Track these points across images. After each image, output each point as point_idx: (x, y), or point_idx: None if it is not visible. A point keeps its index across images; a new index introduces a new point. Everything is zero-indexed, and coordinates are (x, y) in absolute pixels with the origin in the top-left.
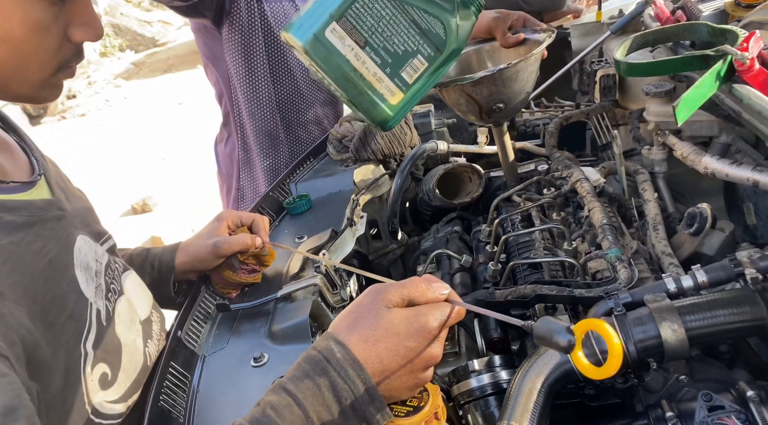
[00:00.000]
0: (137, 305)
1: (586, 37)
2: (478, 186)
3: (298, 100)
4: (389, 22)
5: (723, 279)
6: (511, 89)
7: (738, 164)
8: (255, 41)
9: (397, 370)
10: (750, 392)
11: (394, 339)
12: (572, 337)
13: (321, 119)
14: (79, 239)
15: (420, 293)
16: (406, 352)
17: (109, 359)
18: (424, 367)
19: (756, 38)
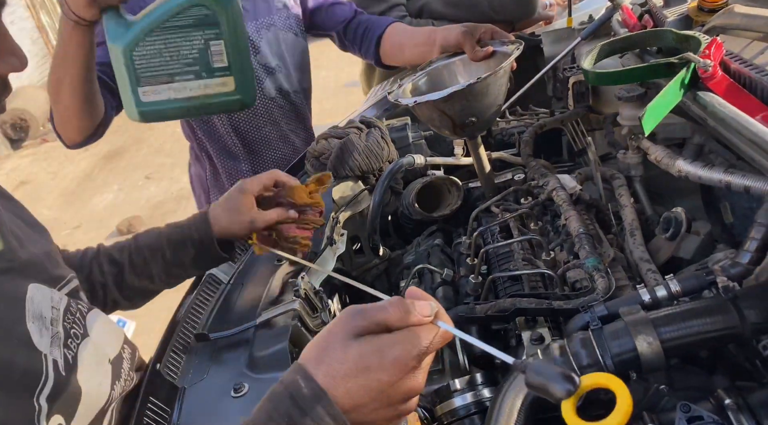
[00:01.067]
0: (105, 344)
1: (558, 43)
2: (457, 198)
3: (252, 118)
4: (169, 48)
5: (696, 287)
6: (483, 103)
7: (710, 167)
8: None
9: (370, 404)
10: (728, 400)
11: (365, 374)
12: (571, 386)
13: (287, 135)
14: (31, 288)
15: (398, 318)
16: (379, 386)
17: (65, 409)
18: (403, 400)
19: (717, 45)
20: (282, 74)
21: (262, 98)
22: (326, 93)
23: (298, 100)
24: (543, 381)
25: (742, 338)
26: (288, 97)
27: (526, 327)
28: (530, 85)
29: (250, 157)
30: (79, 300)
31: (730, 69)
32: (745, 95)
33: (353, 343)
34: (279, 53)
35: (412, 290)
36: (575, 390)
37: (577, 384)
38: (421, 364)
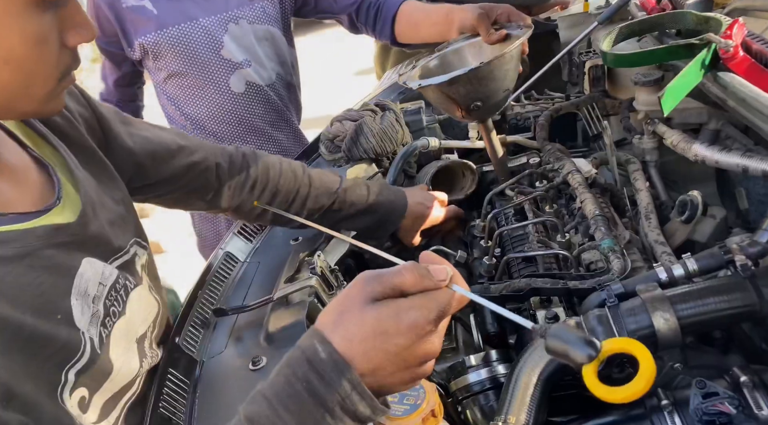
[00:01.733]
0: (136, 323)
1: (573, 28)
2: (471, 182)
3: (217, 114)
4: None
5: (713, 266)
6: (488, 88)
7: (727, 150)
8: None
9: (388, 368)
10: (743, 377)
11: (382, 337)
12: (592, 351)
13: (263, 129)
14: (84, 263)
15: (413, 282)
16: (396, 350)
17: (91, 383)
18: (420, 363)
19: (739, 25)
20: (251, 68)
21: (226, 94)
22: (336, 81)
23: (275, 92)
24: (563, 345)
25: (759, 316)
26: (260, 90)
27: (540, 307)
28: (545, 69)
29: None
30: (128, 275)
31: (751, 49)
32: (767, 75)
33: (370, 307)
34: (247, 47)
35: (426, 254)
36: (596, 355)
37: (598, 349)
38: (437, 328)
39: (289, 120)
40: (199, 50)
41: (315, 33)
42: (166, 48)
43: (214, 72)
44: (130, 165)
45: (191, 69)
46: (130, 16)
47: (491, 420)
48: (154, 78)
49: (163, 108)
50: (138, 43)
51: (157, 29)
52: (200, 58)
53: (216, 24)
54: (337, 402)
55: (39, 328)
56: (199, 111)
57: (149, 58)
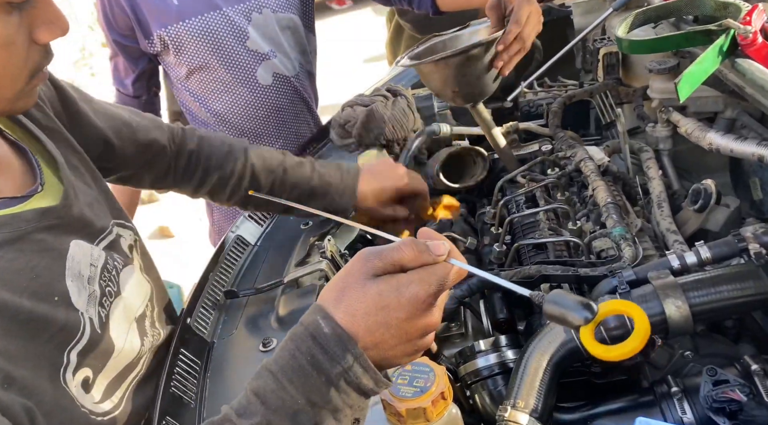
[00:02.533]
0: (133, 302)
1: (588, 14)
2: (482, 168)
3: (245, 109)
4: None
5: (727, 254)
6: (462, 78)
7: (743, 139)
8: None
9: (390, 341)
10: (755, 366)
11: (384, 311)
12: (588, 314)
13: (289, 122)
14: (73, 246)
15: (413, 257)
16: (398, 323)
17: (95, 363)
18: (421, 335)
19: (759, 11)
20: (277, 59)
21: (254, 88)
22: (347, 68)
23: (300, 84)
24: (561, 310)
25: None
26: (287, 82)
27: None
28: (559, 56)
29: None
30: (115, 256)
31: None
32: None
33: (371, 283)
34: (272, 36)
35: (424, 230)
36: (593, 317)
37: (594, 311)
38: (436, 301)
39: (312, 110)
40: (224, 42)
41: (326, 19)
42: (189, 40)
43: (241, 64)
44: (99, 143)
45: (217, 62)
46: (147, 6)
47: (499, 404)
48: (174, 73)
49: (184, 105)
50: (157, 34)
51: (179, 20)
52: (226, 50)
53: (240, 13)
54: (341, 375)
55: (37, 311)
56: (225, 106)
57: (169, 52)
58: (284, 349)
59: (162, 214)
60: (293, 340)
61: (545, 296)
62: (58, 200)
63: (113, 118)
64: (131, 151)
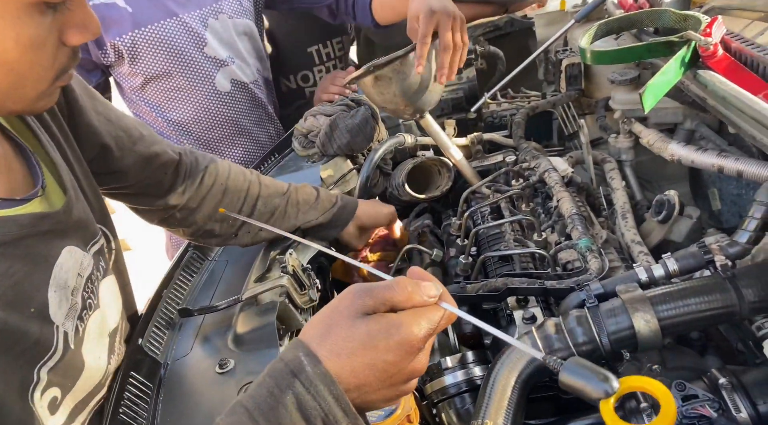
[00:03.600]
0: (109, 315)
1: (550, 26)
2: (447, 179)
3: (204, 117)
4: None
5: (693, 266)
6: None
7: (703, 150)
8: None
9: (374, 384)
10: (722, 379)
11: (371, 352)
12: (609, 387)
13: (249, 129)
14: (64, 253)
15: (405, 298)
16: (384, 366)
17: (64, 382)
18: (406, 380)
19: (718, 24)
20: (235, 65)
21: (213, 94)
22: None
23: (258, 90)
24: (579, 381)
25: (739, 317)
26: (245, 88)
27: (517, 307)
28: (521, 68)
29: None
30: (100, 264)
31: (730, 48)
32: (747, 74)
33: (360, 321)
34: (229, 42)
35: (414, 270)
36: (613, 393)
37: (615, 387)
38: (425, 345)
39: (272, 117)
40: (182, 48)
41: None
42: (146, 48)
43: (199, 71)
44: (95, 146)
45: (175, 69)
46: (99, 15)
47: (467, 423)
48: (128, 84)
49: (139, 116)
50: (111, 44)
51: (134, 28)
52: (184, 57)
53: (197, 20)
54: (320, 417)
55: (10, 322)
56: (184, 115)
57: (124, 61)
58: (261, 386)
59: (119, 227)
60: (272, 376)
61: (564, 364)
62: (61, 205)
63: (113, 123)
64: (130, 162)
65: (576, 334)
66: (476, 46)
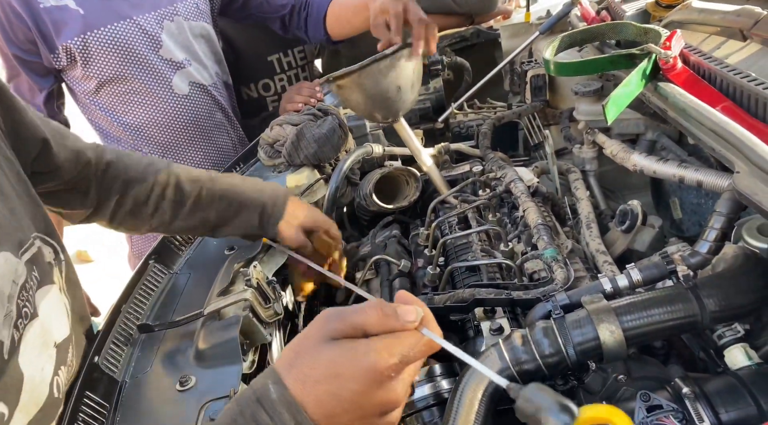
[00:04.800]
0: (53, 327)
1: (515, 38)
2: (415, 189)
3: (163, 119)
4: None
5: (657, 277)
6: (358, 97)
7: (664, 161)
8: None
9: (343, 416)
10: (685, 389)
11: (335, 381)
12: (567, 418)
13: (210, 133)
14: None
15: (377, 321)
16: (350, 396)
17: (7, 396)
18: (380, 413)
19: (677, 37)
20: (192, 67)
21: (170, 97)
22: None
23: (218, 93)
24: (536, 409)
25: (700, 327)
26: (204, 91)
27: (485, 318)
28: (488, 78)
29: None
30: (34, 273)
31: (689, 61)
32: (705, 86)
33: (326, 347)
34: (186, 44)
35: (402, 294)
36: (571, 423)
37: (574, 415)
38: (400, 375)
39: (232, 121)
40: (137, 51)
41: None
42: (99, 51)
43: (155, 74)
44: (38, 142)
45: (130, 72)
46: (50, 17)
47: None
48: (81, 88)
49: (93, 122)
50: (63, 46)
51: (86, 30)
52: (139, 60)
53: (152, 22)
54: None
55: None
56: (141, 118)
57: (77, 65)
58: (227, 413)
59: (80, 237)
60: (238, 403)
61: (521, 390)
62: None
63: (43, 120)
64: (63, 157)
65: (542, 345)
66: (443, 57)
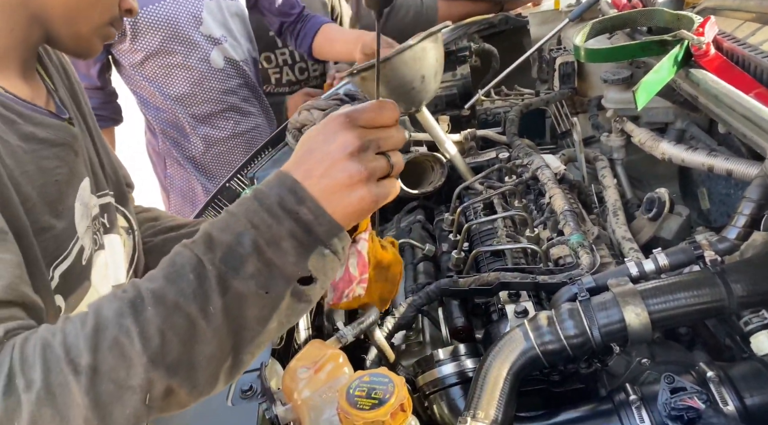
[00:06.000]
0: (115, 267)
1: (544, 25)
2: (440, 175)
3: (200, 92)
4: None
5: (683, 262)
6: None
7: (693, 149)
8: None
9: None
10: (710, 373)
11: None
12: None
13: (240, 105)
14: (85, 180)
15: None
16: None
17: (69, 296)
18: (344, 154)
19: (711, 24)
20: (228, 44)
21: (209, 70)
22: None
23: (248, 68)
24: None
25: (727, 312)
26: (237, 66)
27: (509, 302)
28: (516, 65)
29: (200, 129)
30: (103, 218)
31: (722, 47)
32: (738, 73)
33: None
34: (223, 22)
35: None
36: None
37: None
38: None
39: (259, 95)
40: (181, 27)
41: None
42: (147, 27)
43: (196, 48)
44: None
45: (174, 47)
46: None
47: (458, 415)
48: (128, 61)
49: (136, 93)
50: None
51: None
52: (182, 35)
53: (194, 1)
54: (276, 202)
55: (39, 207)
56: (180, 89)
57: (126, 39)
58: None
59: None
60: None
61: None
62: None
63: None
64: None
65: (567, 326)
66: (471, 43)
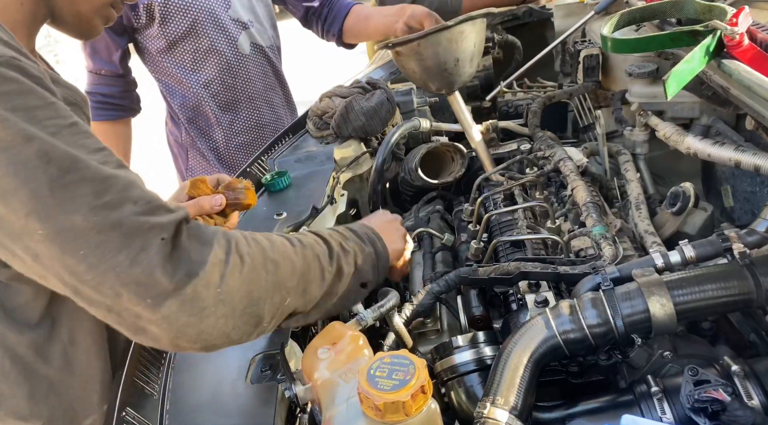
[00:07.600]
0: None
1: (568, 17)
2: (461, 166)
3: (227, 77)
4: None
5: (711, 254)
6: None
7: (720, 144)
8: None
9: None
10: (735, 367)
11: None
12: None
13: (263, 92)
14: None
15: None
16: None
17: None
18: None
19: (745, 14)
20: (254, 29)
21: (236, 55)
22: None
23: (273, 55)
24: None
25: (755, 305)
26: (263, 52)
27: (529, 292)
28: (539, 57)
29: (224, 118)
30: None
31: (756, 38)
32: None
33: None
34: (250, 7)
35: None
36: None
37: None
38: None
39: (283, 82)
40: (211, 10)
41: None
42: (176, 10)
43: (224, 32)
44: None
45: (203, 30)
46: None
47: (476, 402)
48: (155, 46)
49: (163, 79)
50: (144, 5)
51: None
52: (212, 18)
53: None
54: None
55: None
56: (207, 75)
57: (154, 23)
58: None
59: None
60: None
61: None
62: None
63: None
64: None
65: (590, 316)
66: (494, 35)
